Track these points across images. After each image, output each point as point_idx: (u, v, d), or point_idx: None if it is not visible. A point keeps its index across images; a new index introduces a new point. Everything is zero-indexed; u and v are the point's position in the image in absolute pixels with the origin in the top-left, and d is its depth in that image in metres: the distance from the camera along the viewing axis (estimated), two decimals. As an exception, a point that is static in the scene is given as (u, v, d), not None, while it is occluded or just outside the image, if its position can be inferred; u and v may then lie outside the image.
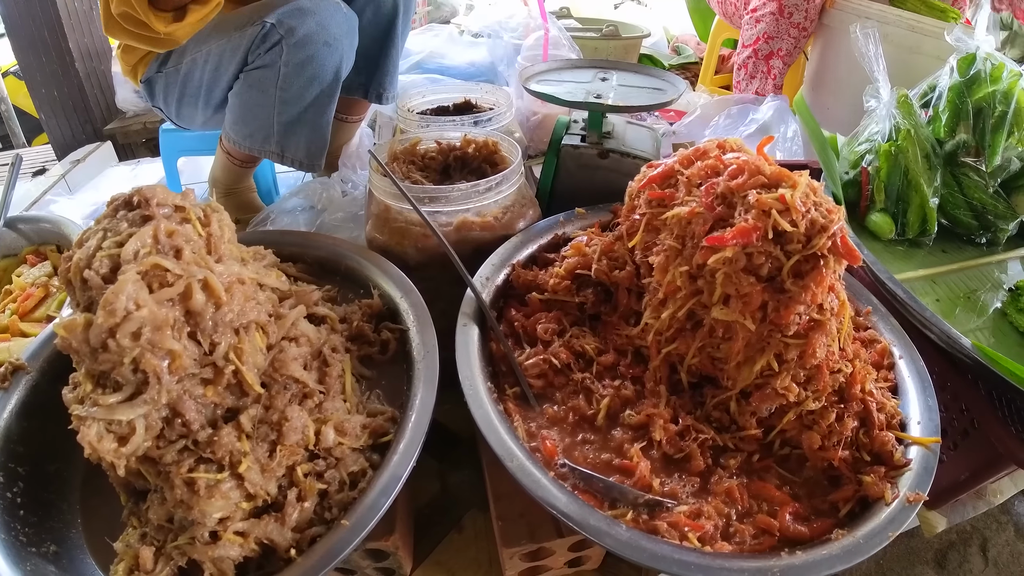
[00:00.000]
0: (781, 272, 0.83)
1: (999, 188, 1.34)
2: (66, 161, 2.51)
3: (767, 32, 2.42)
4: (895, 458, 0.86)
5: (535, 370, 0.92)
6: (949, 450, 1.10)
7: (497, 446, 0.77)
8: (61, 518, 0.87)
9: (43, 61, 2.66)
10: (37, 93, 2.74)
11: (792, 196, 0.81)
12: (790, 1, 2.32)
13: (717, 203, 0.87)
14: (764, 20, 2.42)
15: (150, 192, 0.73)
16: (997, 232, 1.36)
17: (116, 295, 0.63)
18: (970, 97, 1.35)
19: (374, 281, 1.02)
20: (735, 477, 0.86)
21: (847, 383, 0.91)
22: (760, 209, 0.82)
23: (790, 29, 2.37)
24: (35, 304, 1.30)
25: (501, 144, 1.24)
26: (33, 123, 4.59)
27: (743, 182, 0.86)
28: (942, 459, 1.07)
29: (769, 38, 2.42)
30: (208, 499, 0.69)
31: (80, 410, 0.67)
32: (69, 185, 2.31)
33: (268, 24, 1.31)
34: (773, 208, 0.81)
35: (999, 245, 1.38)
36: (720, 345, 0.89)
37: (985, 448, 1.03)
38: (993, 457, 1.02)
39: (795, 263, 0.82)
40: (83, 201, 2.00)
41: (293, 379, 0.79)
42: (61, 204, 2.01)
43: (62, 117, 2.77)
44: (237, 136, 1.50)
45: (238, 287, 0.73)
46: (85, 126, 2.79)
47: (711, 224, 0.87)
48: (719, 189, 0.88)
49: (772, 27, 2.40)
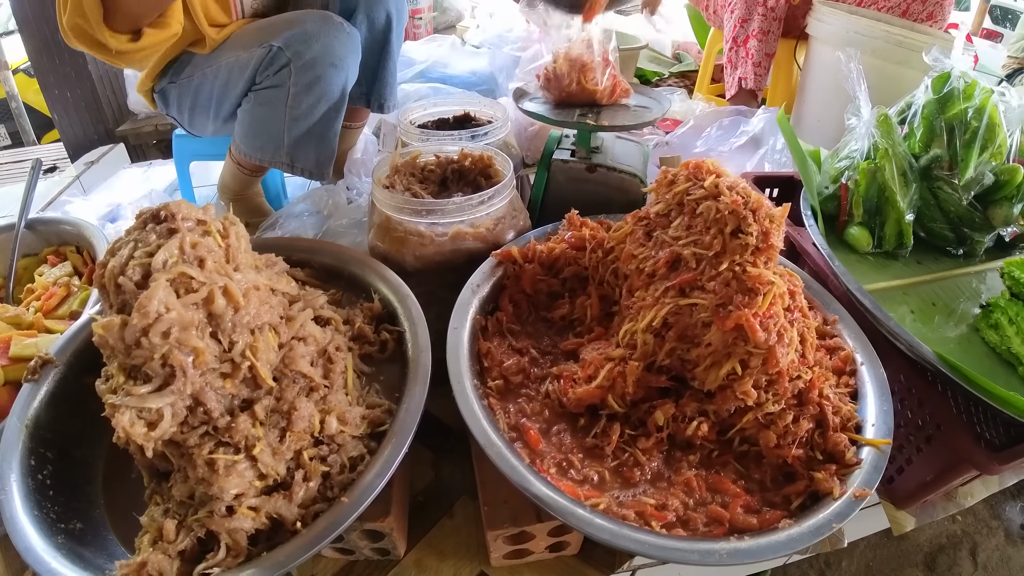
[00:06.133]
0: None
1: (975, 201, 1.37)
2: (80, 162, 2.58)
3: (740, 16, 2.54)
4: (846, 457, 0.92)
5: (514, 367, 1.01)
6: (916, 453, 1.15)
7: (479, 436, 0.86)
8: (86, 499, 0.95)
9: (56, 63, 2.71)
10: (50, 94, 2.79)
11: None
12: None
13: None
14: (737, 7, 2.54)
15: (176, 208, 0.82)
16: (974, 244, 1.40)
17: (149, 299, 0.72)
18: (944, 114, 1.39)
19: (375, 286, 1.10)
20: (694, 469, 0.93)
21: (806, 388, 0.98)
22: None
23: (758, 7, 2.48)
24: (58, 302, 1.38)
25: (495, 158, 1.32)
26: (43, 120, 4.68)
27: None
28: (910, 461, 1.16)
29: (743, 21, 2.53)
30: (226, 477, 0.78)
31: (114, 399, 0.75)
32: (83, 186, 2.39)
33: (276, 47, 1.37)
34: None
35: (976, 256, 1.42)
36: (690, 349, 0.96)
37: (948, 451, 1.08)
38: (955, 460, 1.08)
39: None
40: (98, 202, 2.06)
41: (301, 374, 0.88)
42: (76, 204, 2.06)
43: (75, 118, 2.83)
44: (247, 148, 1.58)
45: (254, 292, 0.83)
46: (97, 126, 2.85)
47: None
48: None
49: (743, 10, 2.52)
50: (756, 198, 0.96)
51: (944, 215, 1.39)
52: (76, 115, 2.83)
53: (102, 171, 2.54)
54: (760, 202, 0.96)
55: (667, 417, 0.96)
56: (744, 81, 2.59)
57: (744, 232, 0.94)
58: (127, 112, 2.93)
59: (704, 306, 0.93)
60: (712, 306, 0.92)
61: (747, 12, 2.52)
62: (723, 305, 0.92)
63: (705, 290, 0.94)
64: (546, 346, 1.11)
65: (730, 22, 2.59)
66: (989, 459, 1.02)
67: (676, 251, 0.98)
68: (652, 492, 0.89)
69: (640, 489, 0.90)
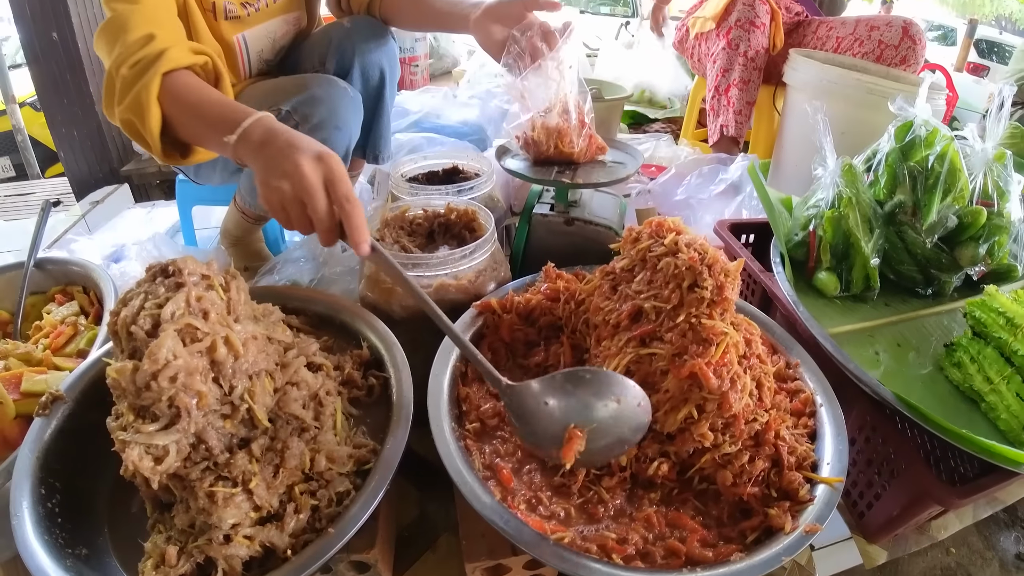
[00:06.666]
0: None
1: (942, 243, 1.42)
2: (86, 201, 2.67)
3: (722, 66, 2.62)
4: (800, 495, 0.98)
5: (490, 411, 1.08)
6: (883, 489, 1.20)
7: (454, 474, 0.93)
8: (91, 526, 1.01)
9: (64, 102, 2.80)
10: (57, 131, 2.87)
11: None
12: (735, 35, 2.55)
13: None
14: (719, 57, 2.62)
15: (183, 263, 0.92)
16: (942, 284, 1.45)
17: (159, 348, 0.81)
18: (907, 161, 1.45)
19: (364, 334, 1.19)
20: (655, 506, 0.99)
21: (763, 429, 1.03)
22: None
23: (738, 58, 2.57)
24: (66, 340, 1.44)
25: (479, 213, 1.41)
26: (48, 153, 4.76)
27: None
28: (878, 496, 1.21)
29: (724, 71, 2.61)
30: (224, 508, 0.86)
31: (124, 435, 0.84)
32: (89, 225, 2.47)
33: (284, 111, 1.42)
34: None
35: (946, 296, 1.47)
36: (651, 395, 1.02)
37: (911, 487, 1.13)
38: (918, 495, 1.13)
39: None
40: (102, 242, 2.13)
41: (294, 416, 0.96)
42: (82, 243, 2.14)
43: (80, 156, 2.91)
44: (252, 200, 1.66)
45: (252, 342, 0.92)
46: (102, 165, 2.93)
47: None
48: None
49: (724, 60, 2.60)
50: (712, 254, 1.04)
51: (912, 257, 1.44)
52: (82, 153, 2.91)
53: (107, 211, 2.62)
54: (716, 258, 1.04)
55: (630, 458, 1.02)
56: (726, 128, 2.66)
57: (700, 286, 1.01)
58: (132, 152, 3.01)
59: (662, 355, 1.01)
60: (669, 355, 1.00)
61: (728, 62, 2.60)
62: (679, 355, 0.99)
63: (663, 340, 1.02)
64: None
65: (712, 71, 2.68)
66: (949, 493, 1.07)
67: (638, 304, 1.06)
68: (614, 527, 0.95)
69: (603, 524, 0.96)
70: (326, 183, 0.94)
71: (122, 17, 1.21)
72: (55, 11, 2.65)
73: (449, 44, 4.04)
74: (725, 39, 2.59)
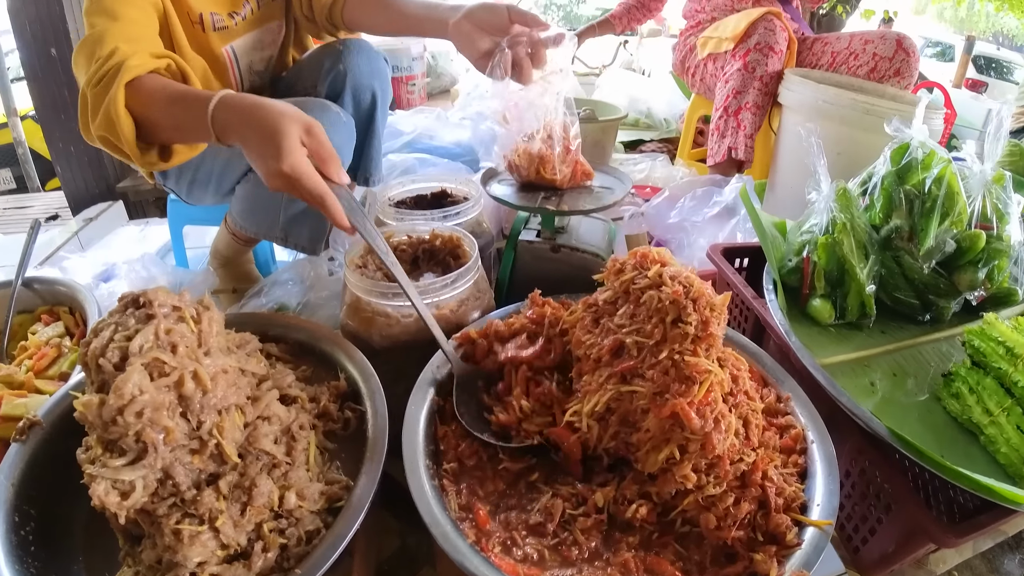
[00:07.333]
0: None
1: (940, 268, 1.38)
2: (80, 218, 2.67)
3: (735, 88, 2.59)
4: (787, 539, 0.94)
5: (468, 450, 1.06)
6: (877, 524, 1.17)
7: (426, 515, 0.91)
8: (66, 555, 1.00)
9: (62, 119, 2.83)
10: (55, 148, 2.90)
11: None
12: (752, 58, 2.53)
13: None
14: (732, 78, 2.60)
15: (153, 295, 0.91)
16: (940, 309, 1.40)
17: (125, 382, 0.80)
18: (903, 184, 1.41)
19: (342, 364, 1.17)
20: (633, 551, 0.95)
21: (749, 470, 1.00)
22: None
23: (754, 82, 2.55)
24: (49, 363, 1.44)
25: (463, 240, 1.40)
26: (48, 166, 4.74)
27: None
28: (873, 531, 1.17)
29: (737, 93, 2.59)
30: (190, 546, 0.84)
31: (92, 469, 0.82)
32: (82, 242, 2.47)
33: None
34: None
35: (944, 321, 1.43)
36: (632, 433, 1.01)
37: (907, 523, 1.10)
38: (913, 531, 1.10)
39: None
40: (94, 260, 2.13)
41: (264, 452, 0.94)
42: (73, 260, 2.14)
43: (77, 172, 2.93)
44: (243, 223, 1.65)
45: (222, 376, 0.90)
46: (99, 182, 2.95)
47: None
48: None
49: (739, 82, 2.58)
50: (698, 287, 1.01)
51: (909, 283, 1.41)
52: (79, 170, 2.93)
53: (100, 228, 2.62)
54: (701, 291, 1.00)
55: (607, 499, 1.00)
56: (734, 151, 2.64)
57: (684, 321, 0.98)
58: (128, 169, 3.02)
59: (643, 393, 0.98)
60: (650, 394, 0.97)
61: (742, 84, 2.58)
62: (660, 393, 0.96)
63: (644, 378, 0.99)
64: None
65: (723, 91, 2.66)
66: (945, 532, 1.04)
67: (620, 339, 1.04)
68: (588, 571, 0.93)
69: (577, 568, 0.93)
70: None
71: (98, 33, 1.21)
72: (54, 28, 2.68)
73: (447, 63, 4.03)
74: (742, 60, 2.57)
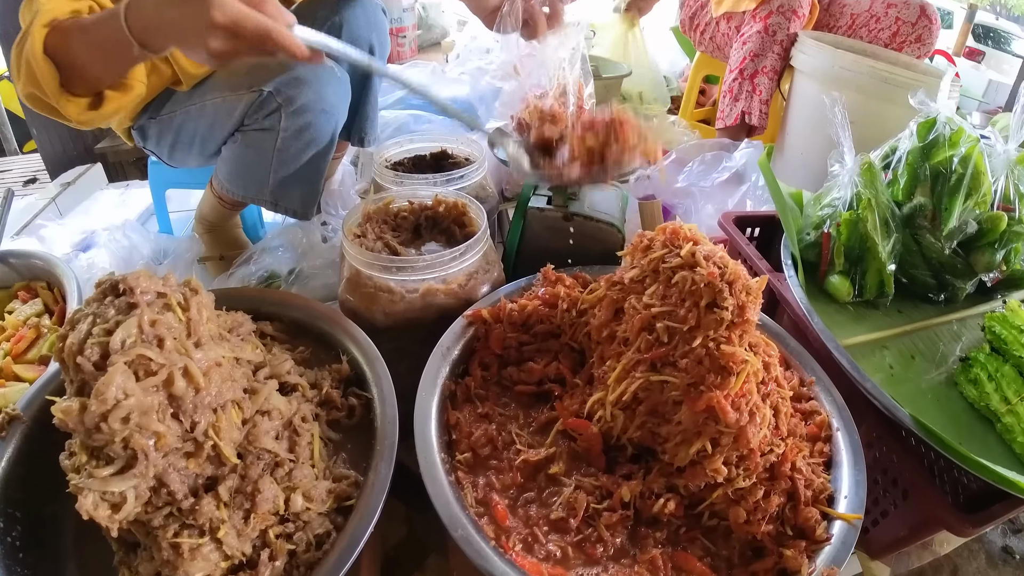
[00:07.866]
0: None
1: (958, 248, 1.37)
2: (57, 183, 2.54)
3: (752, 51, 2.49)
4: (816, 533, 0.91)
5: (483, 439, 0.99)
6: (892, 507, 1.15)
7: (444, 516, 0.85)
8: (56, 559, 0.93)
9: (36, 79, 2.69)
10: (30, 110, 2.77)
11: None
12: (774, 20, 2.41)
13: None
14: (751, 40, 2.49)
15: (134, 281, 0.81)
16: (955, 290, 1.39)
17: (107, 385, 0.71)
18: (929, 161, 1.38)
19: (343, 346, 1.09)
20: (660, 547, 0.91)
21: (778, 461, 0.96)
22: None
23: (773, 46, 2.45)
24: (27, 346, 1.35)
25: (469, 207, 1.31)
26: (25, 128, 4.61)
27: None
28: (885, 514, 1.16)
29: (755, 56, 2.49)
30: (191, 561, 0.77)
31: (78, 480, 0.74)
32: (59, 208, 2.36)
33: (266, 92, 1.33)
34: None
35: (957, 302, 1.42)
36: (661, 424, 0.95)
37: (923, 510, 1.09)
38: (929, 519, 1.09)
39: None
40: (72, 228, 2.03)
41: (265, 450, 0.86)
42: (51, 229, 2.04)
43: (54, 134, 2.80)
44: (230, 186, 1.55)
45: (215, 369, 0.81)
46: (76, 143, 2.81)
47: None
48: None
49: (757, 45, 2.47)
50: (733, 269, 0.94)
51: (926, 262, 1.39)
52: (55, 131, 2.80)
53: (79, 192, 2.50)
54: (737, 274, 0.93)
55: (633, 494, 0.94)
56: (748, 116, 2.55)
57: (720, 307, 0.91)
58: (106, 130, 2.87)
59: (675, 384, 0.92)
60: (684, 385, 0.91)
61: (761, 48, 2.47)
62: (694, 385, 0.90)
63: (677, 367, 0.93)
64: (513, 411, 1.08)
65: (739, 53, 2.55)
66: (962, 521, 1.02)
67: (648, 317, 0.97)
68: (614, 569, 0.88)
69: (602, 567, 0.88)
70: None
71: None
72: (25, -10, 2.52)
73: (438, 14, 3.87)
74: (763, 23, 2.45)
